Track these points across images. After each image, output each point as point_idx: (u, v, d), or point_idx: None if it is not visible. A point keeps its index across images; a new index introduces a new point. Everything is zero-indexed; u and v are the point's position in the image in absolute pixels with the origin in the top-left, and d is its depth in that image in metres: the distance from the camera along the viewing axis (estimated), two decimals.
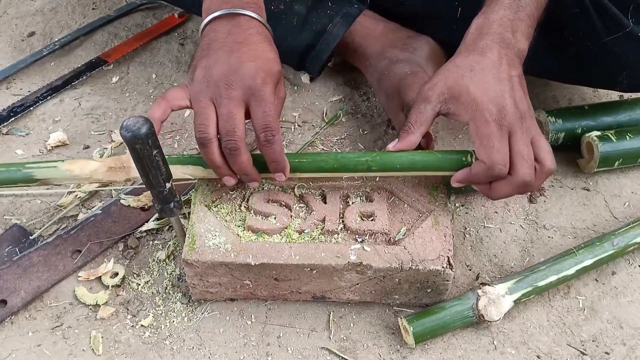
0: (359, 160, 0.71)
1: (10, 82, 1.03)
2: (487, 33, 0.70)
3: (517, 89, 0.69)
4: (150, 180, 0.64)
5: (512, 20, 0.71)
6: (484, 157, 0.67)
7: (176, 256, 0.80)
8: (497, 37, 0.70)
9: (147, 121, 0.60)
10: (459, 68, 0.69)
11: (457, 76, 0.68)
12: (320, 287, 0.73)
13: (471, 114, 0.67)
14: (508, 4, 0.71)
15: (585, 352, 0.72)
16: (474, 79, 0.68)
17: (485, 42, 0.70)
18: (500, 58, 0.69)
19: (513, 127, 0.67)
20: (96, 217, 0.82)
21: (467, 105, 0.67)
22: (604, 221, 0.85)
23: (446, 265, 0.69)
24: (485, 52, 0.69)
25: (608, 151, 0.85)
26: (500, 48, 0.69)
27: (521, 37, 0.71)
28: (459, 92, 0.68)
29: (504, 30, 0.70)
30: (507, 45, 0.70)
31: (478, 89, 0.67)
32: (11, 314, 0.73)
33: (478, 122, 0.67)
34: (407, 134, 0.70)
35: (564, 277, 0.75)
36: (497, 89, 0.67)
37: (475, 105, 0.67)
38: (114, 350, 0.72)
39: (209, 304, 0.76)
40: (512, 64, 0.70)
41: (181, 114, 0.98)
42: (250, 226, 0.72)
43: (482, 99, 0.67)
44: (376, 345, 0.73)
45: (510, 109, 0.67)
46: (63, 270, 0.77)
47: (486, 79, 0.68)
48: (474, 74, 0.68)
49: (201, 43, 0.72)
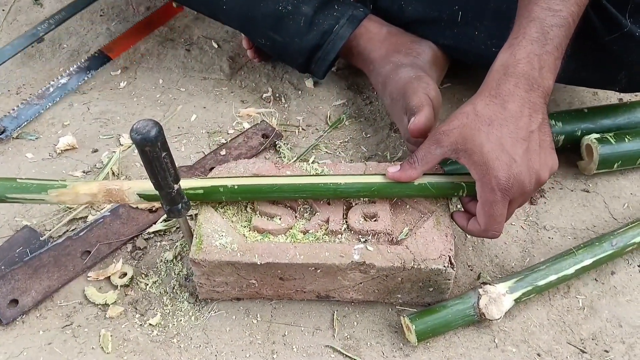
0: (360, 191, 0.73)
1: (20, 87, 1.05)
2: (512, 74, 0.68)
3: (532, 149, 0.67)
4: (159, 182, 0.66)
5: (539, 56, 0.68)
6: (482, 221, 0.69)
7: (183, 257, 0.82)
8: (522, 80, 0.68)
9: (157, 124, 0.62)
10: (478, 118, 0.67)
11: (475, 129, 0.67)
12: (324, 286, 0.74)
13: (479, 175, 0.67)
14: (536, 38, 0.69)
15: (585, 350, 0.73)
16: (491, 137, 0.66)
17: (508, 86, 0.68)
18: (522, 108, 0.67)
19: (516, 197, 0.68)
20: (105, 219, 0.84)
21: (478, 166, 0.67)
22: (604, 222, 0.86)
23: (447, 265, 0.70)
24: (506, 102, 0.67)
25: (607, 153, 0.87)
26: (524, 93, 0.68)
27: (547, 73, 0.69)
28: (472, 149, 0.67)
29: (530, 68, 0.68)
30: (532, 87, 0.68)
31: (492, 152, 0.66)
32: (22, 313, 0.75)
33: (484, 187, 0.67)
34: (409, 168, 0.71)
35: (564, 277, 0.76)
36: (512, 152, 0.66)
37: (486, 169, 0.66)
38: (123, 349, 0.73)
39: (215, 303, 0.77)
40: (535, 111, 0.68)
41: (187, 118, 1.00)
42: (256, 227, 0.74)
43: (494, 165, 0.66)
44: (379, 343, 0.74)
45: (519, 179, 0.66)
46: (73, 271, 0.79)
47: (503, 139, 0.66)
48: (491, 129, 0.67)
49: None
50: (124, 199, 0.75)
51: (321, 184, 0.73)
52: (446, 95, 1.04)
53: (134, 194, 0.75)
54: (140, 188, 0.75)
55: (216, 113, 1.01)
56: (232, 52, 1.12)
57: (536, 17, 0.70)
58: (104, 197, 0.75)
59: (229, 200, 0.74)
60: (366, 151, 0.95)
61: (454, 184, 0.73)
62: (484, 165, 0.66)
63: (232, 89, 1.06)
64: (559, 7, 0.70)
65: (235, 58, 1.11)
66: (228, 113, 1.01)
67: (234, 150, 0.94)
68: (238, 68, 1.09)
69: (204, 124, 1.00)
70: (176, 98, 1.04)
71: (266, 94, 1.04)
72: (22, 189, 0.74)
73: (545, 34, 0.69)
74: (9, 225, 0.85)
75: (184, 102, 1.03)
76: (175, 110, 1.02)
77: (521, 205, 0.71)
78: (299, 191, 0.73)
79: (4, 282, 0.77)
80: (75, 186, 0.75)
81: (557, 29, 0.69)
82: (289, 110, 1.02)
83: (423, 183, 0.73)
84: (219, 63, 1.10)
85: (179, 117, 1.01)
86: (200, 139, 0.97)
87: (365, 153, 0.95)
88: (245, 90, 1.05)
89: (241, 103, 1.03)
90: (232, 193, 0.73)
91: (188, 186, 0.73)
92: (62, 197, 0.74)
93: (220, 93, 1.05)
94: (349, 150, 0.96)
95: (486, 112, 0.68)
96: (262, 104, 1.03)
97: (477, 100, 0.69)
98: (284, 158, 0.94)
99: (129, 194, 0.75)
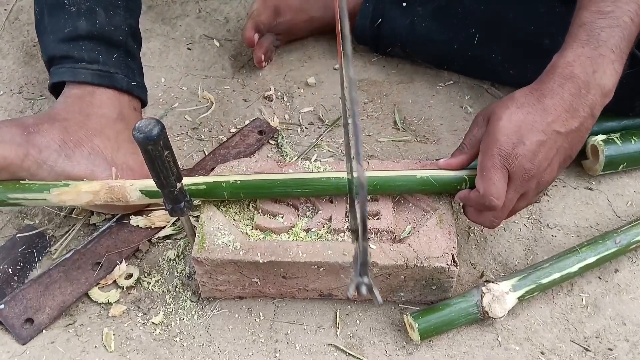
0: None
1: (22, 86, 1.05)
2: (560, 75, 0.67)
3: (549, 146, 0.66)
4: (161, 180, 0.66)
5: (592, 59, 0.67)
6: (480, 186, 0.68)
7: (186, 255, 0.81)
8: (569, 81, 0.66)
9: (159, 123, 0.62)
10: (511, 100, 0.68)
11: (504, 106, 0.68)
12: (327, 284, 0.74)
13: (484, 145, 0.68)
14: (586, 40, 0.67)
15: (589, 349, 0.73)
16: (513, 117, 0.66)
17: (552, 84, 0.67)
18: (558, 107, 0.66)
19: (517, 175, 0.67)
20: (111, 228, 0.83)
21: (488, 135, 0.68)
22: (607, 220, 0.86)
23: (451, 263, 0.70)
24: (544, 97, 0.67)
25: (613, 155, 0.86)
26: (567, 95, 0.66)
27: (602, 76, 0.67)
28: (491, 120, 0.68)
29: (581, 71, 0.66)
30: (579, 90, 0.66)
31: (505, 129, 0.66)
32: (39, 332, 0.74)
33: (485, 153, 0.67)
34: (459, 153, 0.72)
35: (567, 275, 0.76)
36: (525, 136, 0.66)
37: (492, 139, 0.67)
38: (126, 347, 0.73)
39: (218, 301, 0.77)
40: (572, 116, 0.66)
41: (193, 118, 1.00)
42: (259, 225, 0.74)
43: (501, 139, 0.66)
44: (382, 341, 0.74)
45: (520, 160, 0.66)
46: (86, 283, 0.77)
47: (523, 123, 0.66)
48: (518, 111, 0.67)
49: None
50: (126, 197, 0.75)
51: (324, 179, 0.73)
52: (449, 93, 1.04)
53: (136, 190, 0.75)
54: (142, 185, 0.75)
55: (218, 112, 1.01)
56: (234, 50, 1.12)
57: (585, 21, 0.69)
58: (105, 195, 0.75)
59: (232, 196, 0.74)
60: (369, 149, 0.95)
61: (456, 177, 0.73)
62: (493, 135, 0.67)
63: (234, 87, 1.05)
64: (610, 8, 0.68)
65: (237, 57, 1.11)
66: (230, 111, 1.01)
67: (232, 149, 0.94)
68: (240, 66, 1.09)
69: (206, 123, 0.99)
70: (178, 97, 1.04)
71: (268, 92, 1.04)
72: (23, 189, 0.74)
73: (596, 35, 0.67)
74: (11, 225, 0.85)
75: (186, 100, 1.03)
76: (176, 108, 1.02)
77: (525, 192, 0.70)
78: (301, 186, 0.73)
79: (15, 302, 0.75)
80: (77, 185, 0.75)
81: (609, 30, 0.68)
82: (291, 109, 1.02)
83: (426, 176, 0.73)
84: (221, 62, 1.10)
85: (180, 115, 1.00)
86: (202, 137, 0.97)
87: (368, 151, 0.95)
88: (248, 88, 1.05)
89: (243, 102, 1.03)
90: (235, 189, 0.73)
91: (191, 182, 0.73)
92: (63, 196, 0.74)
93: (223, 91, 1.05)
94: None
95: (521, 98, 0.68)
96: (264, 102, 1.03)
97: (518, 90, 0.70)
98: (285, 156, 0.94)
99: (131, 191, 0.75)
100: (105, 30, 0.82)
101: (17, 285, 0.78)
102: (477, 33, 0.96)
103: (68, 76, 0.81)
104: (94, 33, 0.81)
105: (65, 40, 0.81)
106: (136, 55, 0.87)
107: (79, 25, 0.81)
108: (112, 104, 0.82)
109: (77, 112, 0.79)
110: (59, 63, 0.82)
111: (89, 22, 0.81)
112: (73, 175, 0.76)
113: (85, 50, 0.81)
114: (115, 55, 0.83)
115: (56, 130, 0.77)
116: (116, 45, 0.83)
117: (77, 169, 0.76)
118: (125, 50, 0.84)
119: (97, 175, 0.77)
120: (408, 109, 1.01)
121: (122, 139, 0.81)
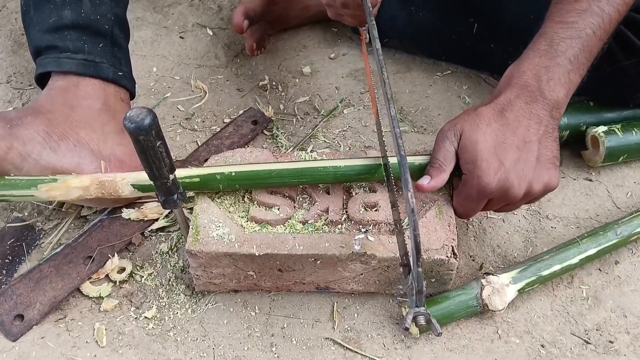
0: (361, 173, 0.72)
1: (11, 75, 1.03)
2: (515, 85, 0.68)
3: (527, 159, 0.67)
4: (154, 172, 0.64)
5: (547, 68, 0.68)
6: (455, 204, 0.72)
7: (179, 248, 0.80)
8: (524, 91, 0.68)
9: (151, 112, 0.60)
10: (478, 118, 0.68)
11: (474, 125, 0.68)
12: (324, 277, 0.72)
13: (466, 171, 0.68)
14: (544, 50, 0.69)
15: (590, 341, 0.72)
16: (487, 137, 0.67)
17: (509, 96, 0.68)
18: (520, 118, 0.67)
19: (497, 199, 0.68)
20: (103, 221, 0.81)
21: (467, 163, 0.68)
22: (607, 211, 0.85)
23: (450, 255, 0.69)
24: (505, 111, 0.68)
25: (614, 146, 0.85)
26: (524, 104, 0.67)
27: (556, 85, 0.68)
28: (466, 145, 0.67)
29: (535, 80, 0.68)
30: (534, 99, 0.67)
31: (483, 153, 0.66)
32: (29, 328, 0.72)
33: (466, 183, 0.68)
34: (439, 172, 0.70)
35: (568, 267, 0.75)
36: (502, 157, 0.66)
37: (472, 168, 0.67)
38: (118, 342, 0.72)
39: (212, 295, 0.76)
40: (537, 122, 0.67)
41: (186, 108, 0.98)
42: (254, 217, 0.72)
43: (481, 166, 0.66)
44: (380, 335, 0.73)
45: (503, 186, 0.66)
46: (77, 278, 0.76)
47: (497, 143, 0.66)
48: (489, 130, 0.67)
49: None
50: (117, 192, 0.73)
51: (321, 168, 0.72)
52: (446, 83, 1.02)
53: (127, 185, 0.73)
54: (134, 179, 0.73)
55: (212, 101, 0.99)
56: (227, 39, 1.09)
57: (547, 31, 0.70)
58: (96, 190, 0.73)
59: (227, 188, 0.73)
60: (365, 140, 0.94)
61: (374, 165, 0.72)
62: (472, 163, 0.67)
63: (228, 77, 1.03)
64: (573, 19, 0.69)
65: (230, 45, 1.08)
66: (224, 101, 0.99)
67: (226, 139, 0.92)
68: (234, 56, 1.07)
69: (199, 113, 0.97)
70: (170, 86, 1.02)
71: (263, 82, 1.02)
72: (10, 186, 0.72)
73: (555, 45, 0.69)
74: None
75: (179, 90, 1.01)
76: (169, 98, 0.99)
77: (505, 209, 0.72)
78: (298, 176, 0.72)
79: (4, 298, 0.73)
80: (66, 180, 0.73)
81: (569, 40, 0.69)
82: (286, 99, 1.00)
83: (425, 162, 0.71)
84: (214, 51, 1.07)
85: (173, 105, 0.98)
86: (195, 128, 0.95)
87: (365, 142, 0.93)
88: (242, 78, 1.03)
89: (237, 91, 1.01)
90: (230, 180, 0.71)
91: (184, 175, 0.71)
92: (52, 192, 0.72)
93: (216, 81, 1.03)
94: (347, 140, 0.94)
95: (486, 115, 0.68)
96: (258, 92, 1.01)
97: (480, 106, 0.70)
98: (280, 147, 0.92)
99: (122, 186, 0.73)
100: (91, 20, 0.80)
101: (5, 280, 0.76)
102: (477, 23, 0.94)
103: (52, 66, 0.79)
104: (79, 22, 0.79)
105: (50, 30, 0.79)
106: (123, 45, 0.84)
107: (63, 15, 0.79)
108: (97, 95, 0.79)
109: (61, 103, 0.77)
110: (44, 54, 0.80)
111: (74, 11, 0.79)
112: (59, 168, 0.74)
113: (70, 40, 0.79)
114: (101, 44, 0.81)
115: (40, 122, 0.75)
116: (102, 34, 0.81)
117: (63, 161, 0.74)
118: (112, 39, 0.82)
119: (83, 167, 0.75)
120: (405, 99, 1.00)
121: (108, 130, 0.78)
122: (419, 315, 0.58)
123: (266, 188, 0.74)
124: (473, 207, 0.70)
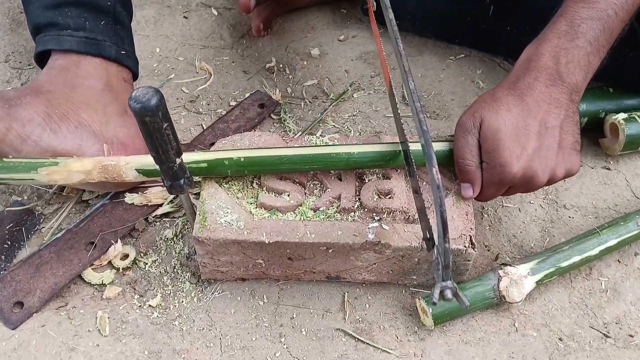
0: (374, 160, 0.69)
1: (9, 54, 0.99)
2: (534, 68, 0.66)
3: (549, 145, 0.65)
4: (160, 155, 0.61)
5: (567, 50, 0.66)
6: (476, 190, 0.68)
7: (185, 235, 0.77)
8: (543, 73, 0.65)
9: (157, 92, 0.57)
10: (497, 104, 0.65)
11: (493, 111, 0.65)
12: (335, 266, 0.70)
13: (489, 160, 0.66)
14: (564, 31, 0.66)
15: (609, 335, 0.70)
16: (508, 123, 0.64)
17: (528, 79, 0.66)
18: (540, 103, 0.65)
19: (519, 185, 0.67)
20: (105, 206, 0.78)
21: (488, 153, 0.65)
22: (625, 201, 0.82)
23: (468, 245, 0.66)
24: (525, 96, 0.65)
25: (634, 134, 0.82)
26: (544, 87, 0.65)
27: (575, 68, 0.66)
28: (486, 135, 0.65)
29: (554, 62, 0.66)
30: (554, 82, 0.65)
31: (504, 142, 0.64)
32: (29, 316, 0.69)
33: (489, 171, 0.66)
34: (473, 175, 0.67)
35: (587, 258, 0.72)
36: (525, 144, 0.64)
37: (495, 157, 0.65)
38: (121, 331, 0.69)
39: (219, 283, 0.73)
40: (557, 107, 0.65)
41: (191, 90, 0.95)
42: (263, 203, 0.69)
43: (504, 155, 0.64)
44: (393, 326, 0.70)
45: (526, 174, 0.65)
46: (79, 264, 0.73)
47: (518, 129, 0.64)
48: (509, 116, 0.64)
49: None
50: (121, 176, 0.70)
51: (333, 154, 0.69)
52: (460, 67, 0.99)
53: (132, 169, 0.70)
54: (138, 163, 0.70)
55: (217, 84, 0.96)
56: (233, 19, 1.06)
57: (568, 11, 0.67)
58: (99, 174, 0.70)
59: (235, 174, 0.70)
60: (376, 125, 0.91)
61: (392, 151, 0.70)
62: (494, 152, 0.64)
63: (234, 58, 1.00)
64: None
65: (236, 26, 1.05)
66: (230, 84, 0.96)
67: (232, 123, 0.89)
68: (239, 36, 1.03)
69: (204, 95, 0.94)
70: (174, 67, 0.98)
71: (269, 64, 0.99)
72: (9, 169, 0.69)
73: (576, 27, 0.66)
74: None
75: (183, 71, 0.98)
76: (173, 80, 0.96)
77: (524, 192, 0.70)
78: (309, 162, 0.69)
79: (3, 285, 0.70)
80: (68, 163, 0.69)
81: (590, 22, 0.66)
82: (295, 82, 0.97)
83: (441, 149, 0.69)
84: (220, 31, 1.04)
85: (177, 87, 0.95)
86: (200, 110, 0.92)
87: (376, 127, 0.90)
88: (248, 59, 1.00)
89: (243, 73, 0.98)
90: (239, 166, 0.68)
91: (191, 159, 0.68)
92: (53, 176, 0.69)
93: (221, 63, 0.99)
94: (357, 125, 0.91)
95: (505, 99, 0.66)
96: (265, 74, 0.98)
97: (497, 90, 0.67)
98: (289, 132, 0.89)
99: (126, 170, 0.70)
100: None
101: (4, 265, 0.73)
102: (492, 5, 0.91)
103: (53, 44, 0.75)
104: None
105: (50, 7, 0.76)
106: (126, 23, 0.81)
107: None
108: (99, 75, 0.76)
109: (61, 83, 0.74)
110: (44, 31, 0.76)
111: None
112: (60, 151, 0.71)
113: (70, 16, 0.76)
114: (103, 22, 0.77)
115: (40, 102, 0.71)
116: (104, 11, 0.77)
117: (64, 144, 0.71)
118: (114, 17, 0.78)
119: (85, 150, 0.72)
120: (417, 83, 0.97)
121: (110, 112, 0.75)
122: (446, 289, 0.56)
123: (276, 173, 0.71)
124: (494, 192, 0.68)
